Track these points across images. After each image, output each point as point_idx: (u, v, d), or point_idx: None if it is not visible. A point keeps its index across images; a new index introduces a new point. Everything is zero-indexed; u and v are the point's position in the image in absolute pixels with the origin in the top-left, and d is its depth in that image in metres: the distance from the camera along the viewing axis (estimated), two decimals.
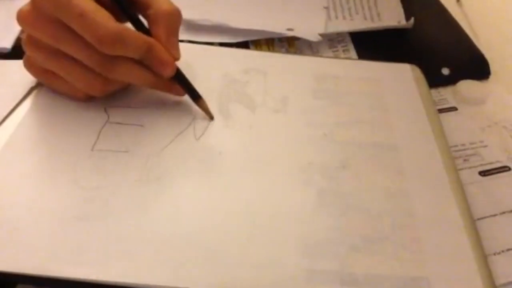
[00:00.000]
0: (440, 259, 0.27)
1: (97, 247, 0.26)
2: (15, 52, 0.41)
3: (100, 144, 0.32)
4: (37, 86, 0.36)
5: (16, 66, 0.38)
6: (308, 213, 0.28)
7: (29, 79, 0.36)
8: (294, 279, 0.25)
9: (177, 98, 0.35)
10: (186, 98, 0.35)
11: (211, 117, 0.34)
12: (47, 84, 0.35)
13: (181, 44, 0.34)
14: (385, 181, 0.31)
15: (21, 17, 0.31)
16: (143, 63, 0.32)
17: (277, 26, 0.45)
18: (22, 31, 0.44)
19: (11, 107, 0.34)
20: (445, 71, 0.43)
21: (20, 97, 0.35)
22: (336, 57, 0.44)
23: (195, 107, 0.34)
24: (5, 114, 0.34)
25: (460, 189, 0.31)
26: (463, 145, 0.37)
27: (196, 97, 0.34)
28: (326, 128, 0.34)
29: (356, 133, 0.34)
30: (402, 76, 0.39)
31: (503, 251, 0.29)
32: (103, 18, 0.29)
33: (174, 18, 0.33)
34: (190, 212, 0.28)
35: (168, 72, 0.32)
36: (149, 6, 0.32)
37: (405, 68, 0.40)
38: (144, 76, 0.32)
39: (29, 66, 0.34)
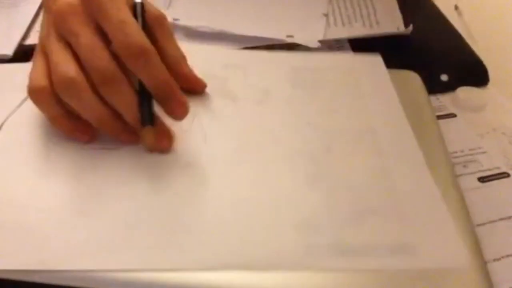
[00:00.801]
0: (423, 226, 0.28)
1: (84, 243, 0.26)
2: (16, 59, 0.41)
3: (93, 142, 0.32)
4: None
5: (17, 69, 0.38)
6: (298, 195, 0.30)
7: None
8: (294, 253, 0.27)
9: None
10: None
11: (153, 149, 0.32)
12: None
13: None
14: (367, 162, 0.33)
15: (66, 10, 0.31)
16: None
17: (277, 32, 0.45)
18: (23, 38, 0.44)
19: (11, 110, 0.34)
20: (444, 77, 0.44)
21: (21, 99, 0.35)
22: None
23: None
24: (5, 116, 0.34)
25: (460, 195, 0.31)
26: (462, 151, 0.37)
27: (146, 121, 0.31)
28: (308, 117, 0.36)
29: (336, 120, 0.36)
30: (375, 66, 0.41)
31: (502, 257, 0.29)
32: (141, 31, 0.30)
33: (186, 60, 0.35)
34: (186, 200, 0.29)
35: (182, 113, 0.32)
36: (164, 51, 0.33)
37: (376, 59, 0.42)
38: (133, 107, 0.31)
39: None
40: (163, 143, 0.32)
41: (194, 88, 0.35)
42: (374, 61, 0.42)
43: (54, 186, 0.30)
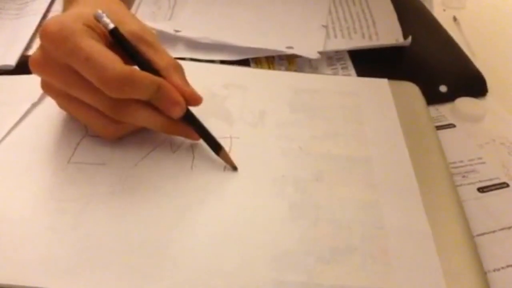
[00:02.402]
0: (408, 272, 0.27)
1: (67, 258, 0.26)
2: (19, 69, 0.42)
3: (76, 156, 0.32)
4: (39, 101, 0.36)
5: (20, 81, 0.39)
6: (278, 224, 0.29)
7: (31, 95, 0.36)
8: None
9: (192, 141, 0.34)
10: None
11: (234, 168, 0.32)
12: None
13: None
14: (356, 193, 0.31)
15: (32, 62, 0.31)
16: (154, 105, 0.31)
17: (277, 44, 0.45)
18: (26, 48, 0.45)
19: (14, 122, 0.35)
20: (443, 88, 0.44)
21: (23, 112, 0.35)
22: (335, 74, 0.45)
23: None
24: (8, 128, 0.34)
25: (459, 205, 0.31)
26: (461, 161, 0.37)
27: (215, 148, 0.32)
28: (301, 141, 0.35)
29: (331, 146, 0.35)
30: (379, 91, 0.40)
31: (502, 268, 0.29)
32: (110, 60, 0.29)
33: (180, 68, 0.33)
34: (162, 224, 0.29)
35: (177, 112, 0.31)
36: (153, 63, 0.32)
37: (382, 83, 0.41)
38: (155, 118, 0.31)
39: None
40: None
41: (187, 100, 0.32)
42: (380, 86, 0.41)
43: (28, 199, 0.29)
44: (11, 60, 0.43)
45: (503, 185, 0.35)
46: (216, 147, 0.32)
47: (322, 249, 0.28)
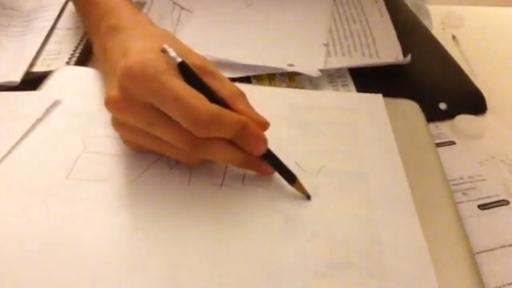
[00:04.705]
0: (404, 285, 0.27)
1: (64, 276, 0.26)
2: (24, 86, 0.42)
3: (75, 173, 0.32)
4: (43, 117, 0.37)
5: (24, 97, 0.39)
6: (274, 239, 0.29)
7: (36, 110, 0.37)
8: None
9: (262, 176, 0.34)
10: None
11: (308, 197, 0.32)
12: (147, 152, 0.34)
13: None
14: (352, 209, 0.31)
15: (110, 102, 0.30)
16: (233, 141, 0.31)
17: (278, 61, 0.46)
18: (31, 65, 0.45)
19: (18, 138, 0.35)
20: (443, 106, 0.44)
21: (27, 128, 0.36)
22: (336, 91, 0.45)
23: None
24: (13, 144, 0.34)
25: (459, 222, 0.32)
26: (461, 178, 0.37)
27: (290, 179, 0.32)
28: (298, 156, 0.35)
29: (327, 161, 0.35)
30: (374, 106, 0.40)
31: (503, 286, 0.29)
32: (199, 100, 0.29)
33: (244, 95, 0.33)
34: (159, 240, 0.29)
35: (261, 149, 0.31)
36: (218, 92, 0.31)
37: (377, 98, 0.41)
38: (236, 155, 0.32)
39: (128, 145, 0.34)
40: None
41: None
42: (375, 101, 0.41)
43: (25, 215, 0.29)
44: (16, 77, 0.43)
45: (503, 202, 0.35)
46: (291, 178, 0.32)
47: (318, 264, 0.28)
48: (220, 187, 0.32)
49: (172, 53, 0.30)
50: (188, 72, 0.30)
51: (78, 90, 0.40)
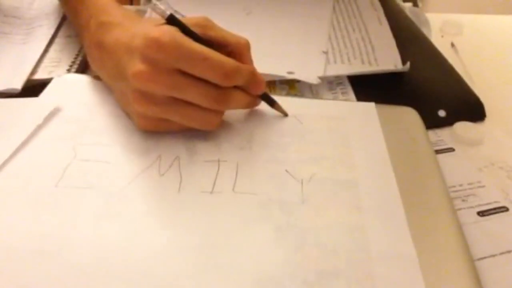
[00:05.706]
0: None
1: (52, 283, 0.26)
2: (25, 93, 0.43)
3: (64, 180, 0.33)
4: (44, 123, 0.37)
5: (25, 103, 0.39)
6: (263, 248, 0.29)
7: (37, 117, 0.37)
8: None
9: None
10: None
11: (286, 114, 0.39)
12: (161, 130, 0.36)
13: None
14: (342, 217, 0.31)
15: (137, 76, 0.32)
16: (241, 88, 0.36)
17: (278, 69, 0.46)
18: (31, 73, 0.45)
19: (19, 144, 0.35)
20: (442, 113, 0.44)
21: (28, 134, 0.36)
22: (335, 99, 0.45)
23: (162, 143, 0.36)
24: (13, 150, 0.35)
25: (459, 229, 0.32)
26: (460, 185, 0.37)
27: (271, 102, 0.39)
28: (288, 164, 0.35)
29: (317, 169, 0.35)
30: (367, 115, 0.40)
31: None
32: (221, 57, 0.33)
33: (249, 47, 0.37)
34: (149, 248, 0.29)
35: (263, 89, 0.37)
36: (226, 44, 0.36)
37: (369, 107, 0.41)
38: (246, 98, 0.37)
39: (143, 125, 0.36)
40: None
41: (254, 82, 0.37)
42: (367, 109, 0.41)
43: (14, 222, 0.30)
44: (17, 84, 0.43)
45: (503, 209, 0.35)
46: (271, 102, 0.39)
47: (307, 272, 0.28)
48: (210, 194, 0.32)
49: (162, 7, 0.33)
50: (178, 24, 0.33)
51: (76, 98, 0.41)
